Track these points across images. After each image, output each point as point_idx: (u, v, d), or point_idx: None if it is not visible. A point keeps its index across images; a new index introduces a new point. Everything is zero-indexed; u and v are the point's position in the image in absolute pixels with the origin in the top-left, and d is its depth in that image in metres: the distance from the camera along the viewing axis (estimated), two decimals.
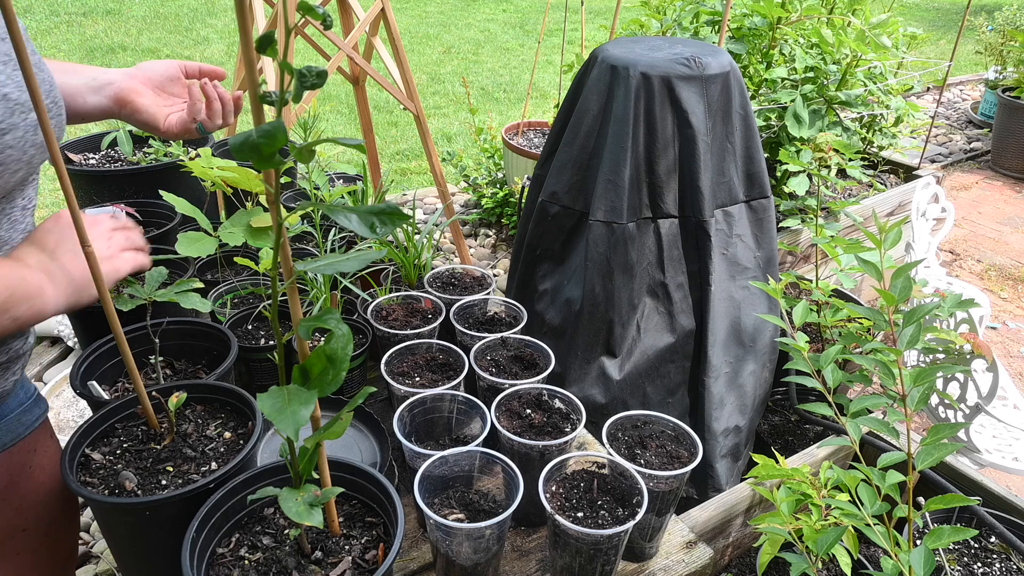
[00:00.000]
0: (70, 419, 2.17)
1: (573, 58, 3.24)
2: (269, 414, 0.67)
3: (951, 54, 3.54)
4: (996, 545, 1.34)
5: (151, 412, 1.02)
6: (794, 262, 2.66)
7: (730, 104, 1.64)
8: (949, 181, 4.65)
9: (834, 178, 1.98)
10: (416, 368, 1.32)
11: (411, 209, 1.71)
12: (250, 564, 0.87)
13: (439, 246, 3.36)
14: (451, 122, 5.39)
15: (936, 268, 2.68)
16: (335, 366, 0.71)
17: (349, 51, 2.25)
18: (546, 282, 1.76)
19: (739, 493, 1.49)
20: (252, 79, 0.60)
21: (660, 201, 1.64)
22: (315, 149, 0.60)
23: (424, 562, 1.13)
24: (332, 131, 5.09)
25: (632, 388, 1.71)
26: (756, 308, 1.76)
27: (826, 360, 1.22)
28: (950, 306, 1.24)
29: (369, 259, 0.69)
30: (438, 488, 1.07)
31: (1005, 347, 3.13)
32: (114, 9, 7.68)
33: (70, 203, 0.81)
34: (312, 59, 6.23)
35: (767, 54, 2.64)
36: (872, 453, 1.61)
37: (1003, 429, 2.07)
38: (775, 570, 1.50)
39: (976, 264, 3.78)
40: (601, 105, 1.62)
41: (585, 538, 0.98)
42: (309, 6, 0.53)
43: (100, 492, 0.93)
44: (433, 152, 2.64)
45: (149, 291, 1.14)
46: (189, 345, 1.32)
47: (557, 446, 1.10)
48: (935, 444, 0.98)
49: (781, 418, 2.01)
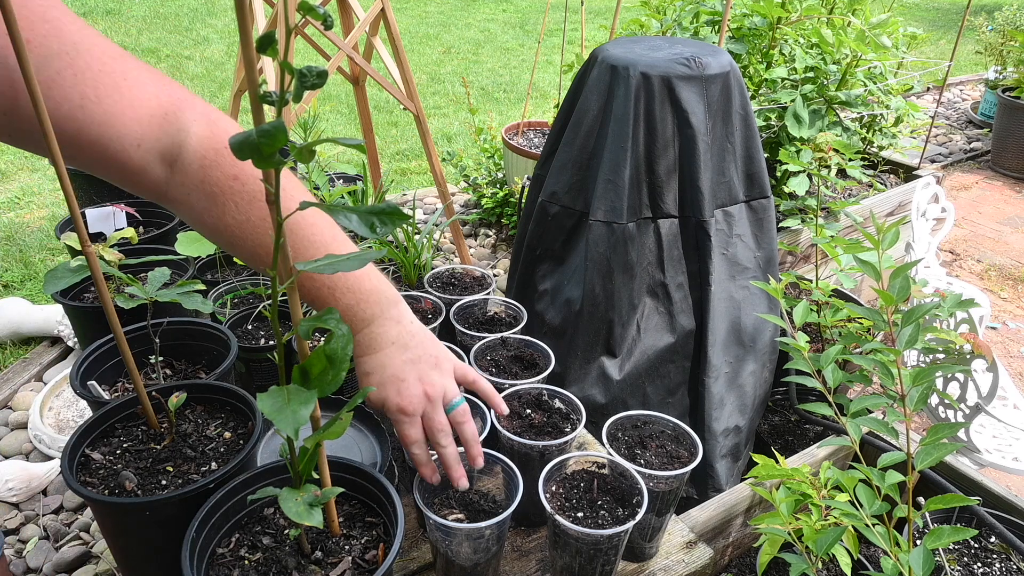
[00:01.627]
0: (70, 419, 2.17)
1: (573, 58, 3.24)
2: (269, 414, 0.67)
3: (951, 54, 3.54)
4: (996, 545, 1.34)
5: (151, 412, 1.02)
6: (794, 262, 2.66)
7: (730, 104, 1.64)
8: (949, 181, 4.64)
9: (834, 178, 1.98)
10: None
11: (411, 209, 1.71)
12: (250, 564, 0.87)
13: (439, 246, 3.36)
14: (451, 122, 5.39)
15: (936, 268, 2.68)
16: (335, 366, 0.71)
17: (349, 51, 2.25)
18: (546, 282, 1.77)
19: (739, 493, 1.49)
20: (252, 79, 0.60)
21: (660, 201, 1.64)
22: (315, 149, 0.60)
23: (424, 562, 1.13)
24: (332, 131, 5.09)
25: (632, 388, 1.71)
26: (756, 308, 1.76)
27: (826, 360, 1.22)
28: (950, 306, 1.24)
29: (369, 259, 0.69)
30: (438, 488, 1.07)
31: (1005, 347, 3.13)
32: (114, 9, 7.68)
33: (70, 203, 0.81)
34: (312, 59, 6.23)
35: (767, 54, 2.64)
36: (872, 453, 1.61)
37: (1003, 429, 2.07)
38: (775, 570, 1.50)
39: (976, 264, 3.78)
40: (601, 105, 1.62)
41: (585, 538, 0.98)
42: (309, 6, 0.53)
43: (100, 492, 0.93)
44: (433, 152, 2.64)
45: (151, 291, 1.14)
46: (189, 345, 1.32)
47: (557, 446, 1.10)
48: (935, 444, 0.98)
49: (781, 418, 2.01)
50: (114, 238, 1.37)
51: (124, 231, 1.38)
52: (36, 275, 3.18)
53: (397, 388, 0.97)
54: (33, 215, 3.74)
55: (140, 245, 1.56)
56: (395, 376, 0.97)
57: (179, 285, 1.14)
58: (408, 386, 0.97)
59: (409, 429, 0.98)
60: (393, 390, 0.97)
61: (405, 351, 0.99)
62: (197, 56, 6.47)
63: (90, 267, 0.87)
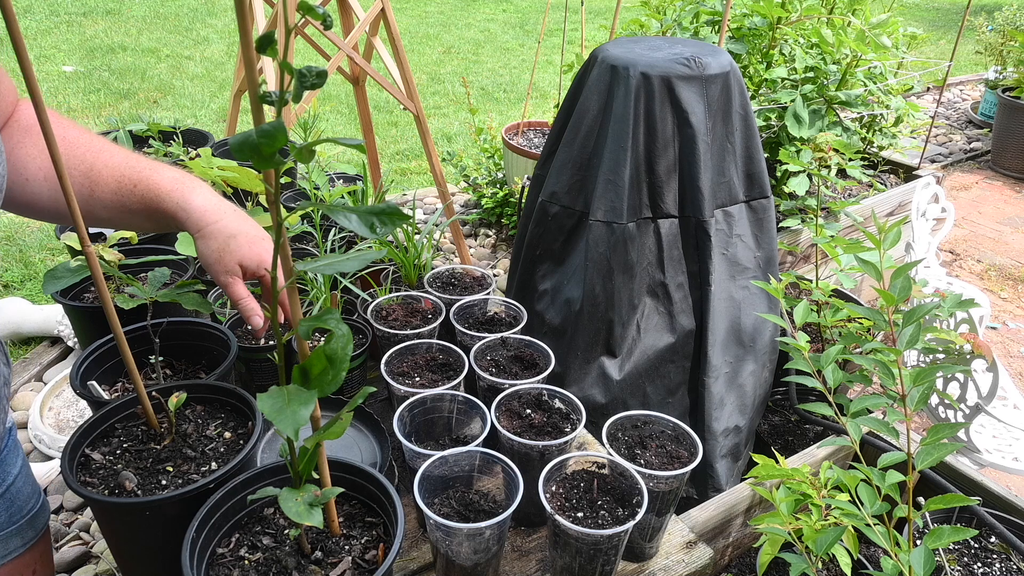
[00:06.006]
0: (70, 419, 2.17)
1: (573, 58, 3.24)
2: (269, 414, 0.67)
3: (951, 54, 3.54)
4: (996, 545, 1.34)
5: (151, 412, 1.02)
6: (794, 262, 2.66)
7: (730, 104, 1.64)
8: (949, 181, 4.64)
9: (834, 178, 1.98)
10: (416, 368, 1.32)
11: (411, 209, 1.71)
12: (250, 564, 0.87)
13: (439, 246, 3.36)
14: (451, 122, 5.39)
15: (936, 268, 2.68)
16: (335, 366, 0.71)
17: (349, 51, 2.25)
18: (546, 282, 1.76)
19: (739, 493, 1.49)
20: (252, 79, 0.60)
21: (660, 201, 1.64)
22: (315, 149, 0.60)
23: (424, 562, 1.13)
24: (332, 131, 5.09)
25: (632, 388, 1.71)
26: (756, 308, 1.76)
27: (826, 360, 1.22)
28: (950, 306, 1.24)
29: (369, 259, 0.69)
30: (438, 488, 1.07)
31: (1005, 347, 3.13)
32: (114, 9, 7.68)
33: (70, 203, 0.81)
34: (312, 59, 6.23)
35: (767, 54, 2.64)
36: (872, 453, 1.61)
37: (1003, 429, 2.07)
38: (775, 570, 1.50)
39: (976, 264, 3.78)
40: (601, 105, 1.62)
41: (585, 538, 0.98)
42: (309, 6, 0.53)
43: (100, 492, 0.93)
44: (433, 152, 2.64)
45: (151, 291, 1.14)
46: (189, 345, 1.32)
47: (557, 446, 1.10)
48: (935, 444, 0.98)
49: (781, 418, 2.01)
50: (114, 238, 1.37)
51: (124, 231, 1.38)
52: (36, 275, 3.18)
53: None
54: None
55: (140, 245, 1.56)
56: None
57: (179, 285, 1.14)
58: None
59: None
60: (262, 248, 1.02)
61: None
62: (197, 56, 6.47)
63: (90, 267, 0.87)
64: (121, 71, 5.92)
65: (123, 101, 5.35)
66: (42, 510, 1.01)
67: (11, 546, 0.96)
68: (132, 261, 1.36)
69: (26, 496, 0.98)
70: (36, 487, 1.02)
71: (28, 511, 0.98)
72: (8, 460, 0.95)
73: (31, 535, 0.99)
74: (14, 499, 0.95)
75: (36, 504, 1.00)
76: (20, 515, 0.96)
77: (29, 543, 0.98)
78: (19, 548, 0.97)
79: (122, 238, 1.41)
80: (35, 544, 1.00)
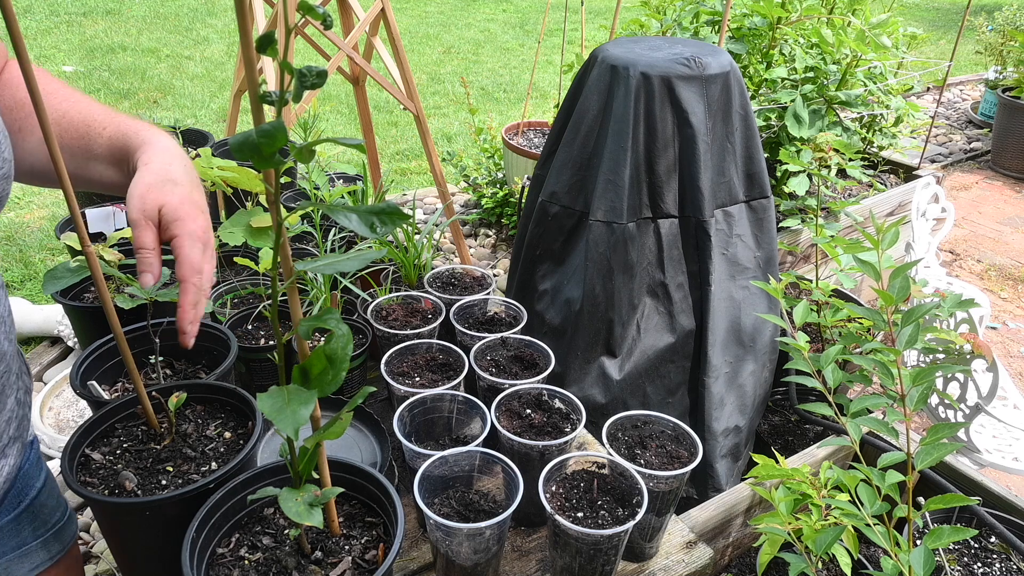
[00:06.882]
0: (70, 419, 2.17)
1: (573, 58, 3.24)
2: (269, 414, 0.67)
3: (951, 54, 3.54)
4: (996, 545, 1.34)
5: (151, 412, 1.02)
6: (794, 262, 2.66)
7: (730, 104, 1.64)
8: (949, 181, 4.65)
9: (834, 178, 1.98)
10: (416, 368, 1.32)
11: (411, 209, 1.71)
12: (250, 564, 0.87)
13: (439, 246, 3.36)
14: (451, 122, 5.39)
15: (936, 268, 2.68)
16: (335, 366, 0.71)
17: (349, 51, 2.25)
18: (546, 282, 1.77)
19: (739, 493, 1.49)
20: (252, 79, 0.60)
21: (660, 201, 1.64)
22: (315, 149, 0.60)
23: (424, 562, 1.13)
24: (332, 131, 5.09)
25: (632, 388, 1.71)
26: (756, 308, 1.76)
27: (826, 360, 1.22)
28: (950, 306, 1.24)
29: (369, 259, 0.69)
30: (438, 488, 1.07)
31: (1005, 347, 3.13)
32: (114, 9, 7.68)
33: (70, 203, 0.81)
34: (312, 59, 6.23)
35: (767, 54, 2.64)
36: (872, 453, 1.61)
37: (1003, 429, 2.07)
38: (775, 570, 1.50)
39: (976, 264, 3.78)
40: (601, 105, 1.62)
41: (585, 538, 0.98)
42: (309, 6, 0.53)
43: (100, 492, 0.93)
44: (433, 152, 2.64)
45: (151, 291, 1.14)
46: None
47: (557, 446, 1.10)
48: (935, 444, 0.98)
49: (781, 418, 2.01)
50: (114, 238, 1.37)
51: (124, 231, 1.38)
52: (36, 275, 3.18)
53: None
54: (33, 215, 3.74)
55: None
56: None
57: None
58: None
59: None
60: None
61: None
62: (197, 56, 6.47)
63: (90, 267, 0.87)
64: (121, 71, 5.92)
65: (123, 101, 5.35)
66: (69, 523, 1.01)
67: (36, 560, 0.95)
68: (132, 261, 1.36)
69: (50, 509, 0.97)
70: (62, 500, 1.01)
71: (53, 524, 0.97)
72: (31, 473, 0.95)
73: (57, 549, 0.98)
74: (38, 513, 0.95)
75: (62, 517, 1.00)
76: (45, 528, 0.96)
77: (56, 556, 0.98)
78: (46, 562, 0.96)
79: (122, 238, 1.41)
80: (62, 558, 0.99)
